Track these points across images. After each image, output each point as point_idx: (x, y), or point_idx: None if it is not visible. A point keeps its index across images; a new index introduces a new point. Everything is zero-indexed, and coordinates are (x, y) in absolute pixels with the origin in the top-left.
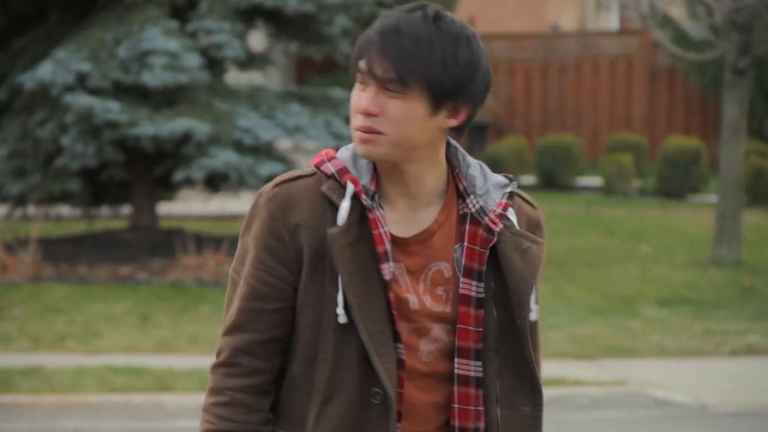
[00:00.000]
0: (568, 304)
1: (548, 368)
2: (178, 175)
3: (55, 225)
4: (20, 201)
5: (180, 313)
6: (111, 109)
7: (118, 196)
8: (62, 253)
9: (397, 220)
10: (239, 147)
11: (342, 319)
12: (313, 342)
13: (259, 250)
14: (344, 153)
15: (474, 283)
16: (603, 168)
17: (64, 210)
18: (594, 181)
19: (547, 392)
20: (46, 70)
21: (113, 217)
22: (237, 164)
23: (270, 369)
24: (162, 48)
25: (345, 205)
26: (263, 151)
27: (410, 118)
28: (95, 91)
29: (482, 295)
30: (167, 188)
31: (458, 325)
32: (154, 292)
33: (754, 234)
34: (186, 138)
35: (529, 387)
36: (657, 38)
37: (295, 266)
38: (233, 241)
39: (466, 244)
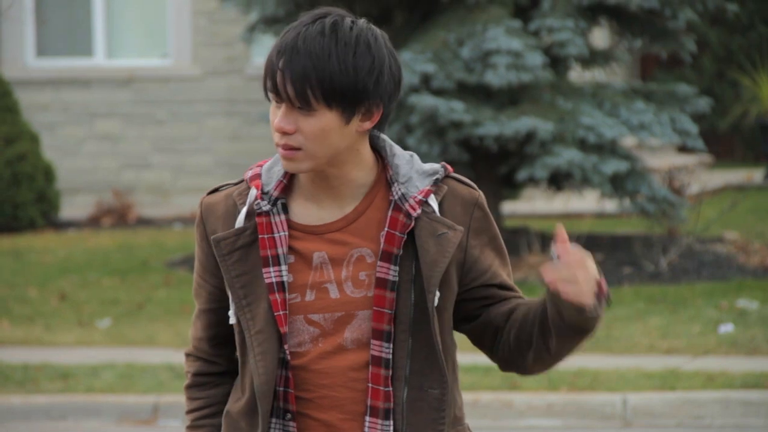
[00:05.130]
0: None
1: None
2: (522, 174)
3: None
4: None
5: None
6: (455, 109)
7: None
8: None
9: (322, 217)
10: (583, 145)
11: (232, 319)
12: (239, 340)
13: (196, 256)
14: (270, 160)
15: (391, 266)
16: None
17: None
18: None
19: None
20: None
21: None
22: (581, 162)
23: (218, 361)
24: (505, 47)
25: (243, 211)
26: (607, 149)
27: (324, 132)
28: (439, 92)
29: (396, 278)
30: (511, 187)
31: (374, 308)
32: None
33: None
34: (529, 137)
35: (438, 371)
36: None
37: (217, 271)
38: (578, 239)
39: (387, 229)
